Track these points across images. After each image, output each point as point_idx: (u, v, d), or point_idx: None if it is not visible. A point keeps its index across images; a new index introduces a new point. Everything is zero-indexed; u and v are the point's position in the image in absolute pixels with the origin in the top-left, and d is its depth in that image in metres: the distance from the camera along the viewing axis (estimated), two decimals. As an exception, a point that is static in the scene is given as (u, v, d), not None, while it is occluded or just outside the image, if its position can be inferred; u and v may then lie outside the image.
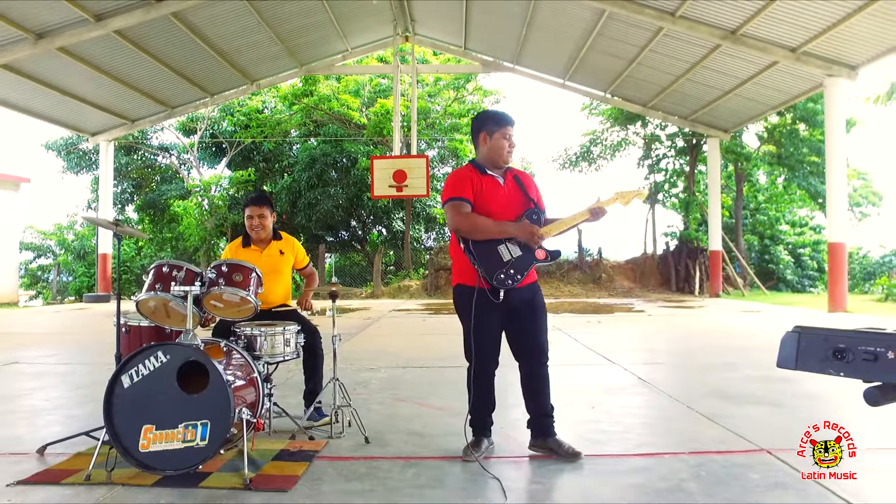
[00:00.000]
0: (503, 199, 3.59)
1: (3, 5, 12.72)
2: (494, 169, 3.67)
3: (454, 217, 3.49)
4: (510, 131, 3.66)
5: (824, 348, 1.25)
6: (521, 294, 3.54)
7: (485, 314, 3.46)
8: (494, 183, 3.63)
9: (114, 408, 3.21)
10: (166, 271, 3.54)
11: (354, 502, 2.95)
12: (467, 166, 3.72)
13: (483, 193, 3.57)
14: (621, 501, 2.97)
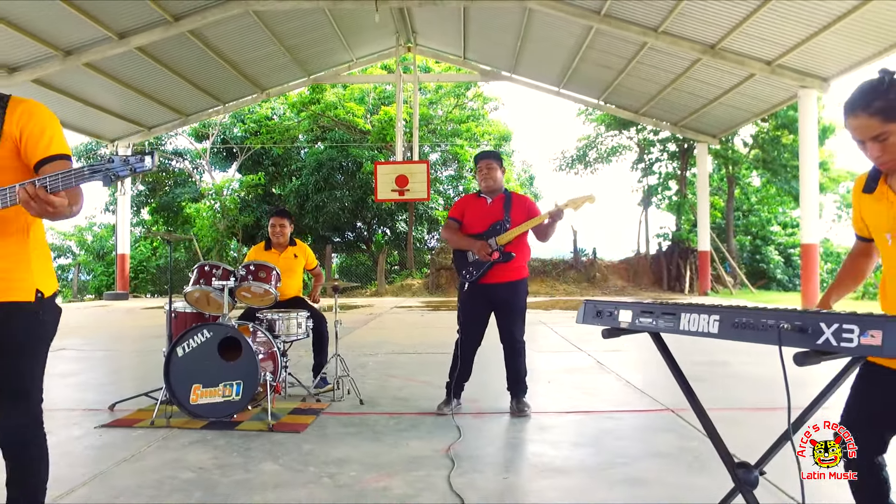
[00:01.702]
0: (480, 216, 4.72)
1: (37, 27, 13.86)
2: (487, 193, 4.76)
3: (443, 231, 4.89)
4: (482, 165, 4.79)
5: (593, 310, 2.27)
6: (499, 291, 4.61)
7: (466, 300, 4.65)
8: (482, 203, 4.78)
9: (171, 371, 4.29)
10: (207, 269, 4.64)
11: (349, 439, 4.01)
12: (472, 194, 4.96)
13: (469, 212, 4.78)
14: (551, 439, 4.02)
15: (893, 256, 2.03)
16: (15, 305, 2.10)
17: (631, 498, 3.02)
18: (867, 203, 2.13)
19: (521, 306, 4.70)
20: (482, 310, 4.67)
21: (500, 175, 4.79)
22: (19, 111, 2.11)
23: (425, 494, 3.03)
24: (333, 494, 3.05)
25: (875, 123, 1.87)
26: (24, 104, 2.14)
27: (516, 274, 4.68)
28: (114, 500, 2.99)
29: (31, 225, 2.17)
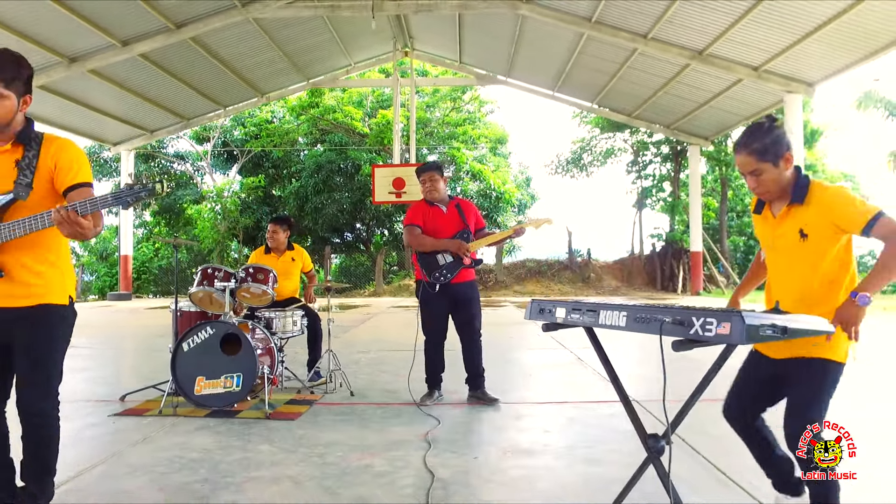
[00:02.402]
0: (444, 223, 5.09)
1: (43, 35, 14.30)
2: (437, 202, 5.14)
3: (408, 237, 5.12)
4: (425, 178, 5.14)
5: (537, 308, 2.67)
6: (460, 290, 5.02)
7: (431, 301, 4.98)
8: (438, 212, 5.13)
9: (177, 364, 4.71)
10: (210, 272, 5.06)
11: (338, 425, 4.43)
12: (420, 201, 5.25)
13: (429, 220, 5.10)
14: (523, 426, 4.44)
15: (772, 264, 2.56)
16: (52, 307, 2.55)
17: (585, 475, 3.42)
18: (757, 222, 2.65)
19: (477, 301, 5.13)
20: (444, 308, 5.07)
21: (442, 185, 5.17)
22: (54, 147, 2.55)
23: (402, 471, 3.45)
24: (321, 471, 3.46)
25: (752, 161, 2.37)
26: (57, 141, 2.58)
27: (470, 275, 5.15)
28: (130, 474, 3.41)
29: (63, 242, 2.61)
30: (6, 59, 2.47)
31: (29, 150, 2.52)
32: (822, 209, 2.36)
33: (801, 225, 2.40)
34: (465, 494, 3.11)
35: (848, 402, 4.76)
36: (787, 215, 2.46)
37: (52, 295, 2.56)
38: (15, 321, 2.50)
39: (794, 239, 2.42)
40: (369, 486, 3.21)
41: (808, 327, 2.03)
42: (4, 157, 2.50)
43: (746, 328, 1.79)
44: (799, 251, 2.42)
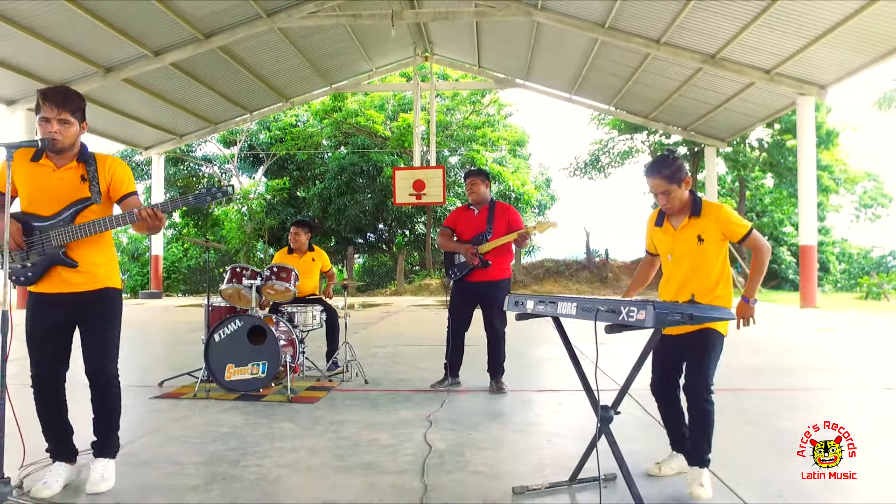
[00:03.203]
0: (468, 226, 5.65)
1: (82, 47, 15.07)
2: (474, 204, 5.68)
3: (437, 236, 5.83)
4: (468, 182, 5.71)
5: (512, 301, 3.16)
6: (483, 289, 5.54)
7: (455, 293, 5.64)
8: (470, 214, 5.70)
9: (210, 353, 5.28)
10: (238, 270, 5.63)
11: (352, 408, 4.96)
12: (463, 206, 5.87)
13: (460, 222, 5.70)
14: (518, 410, 4.94)
15: (668, 268, 3.25)
16: (111, 290, 3.18)
17: (560, 448, 3.91)
18: (657, 233, 3.33)
19: (499, 301, 5.60)
20: (468, 303, 5.60)
21: (483, 189, 5.69)
22: (108, 164, 3.16)
23: (404, 444, 3.97)
24: (334, 443, 4.00)
25: (663, 183, 3.02)
26: (108, 159, 3.19)
27: (497, 275, 5.60)
28: (171, 443, 3.97)
29: (111, 240, 3.24)
30: (70, 94, 3.06)
31: (89, 166, 3.11)
32: (714, 220, 3.09)
33: (699, 232, 3.09)
34: (456, 462, 3.62)
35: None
36: (687, 225, 3.15)
37: (111, 280, 3.21)
38: (83, 302, 3.13)
39: (693, 243, 3.10)
40: (375, 455, 3.74)
41: (711, 315, 2.52)
42: (70, 173, 3.09)
43: (657, 314, 2.28)
44: (697, 253, 3.11)
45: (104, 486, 3.08)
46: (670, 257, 3.23)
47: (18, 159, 3.01)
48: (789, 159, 21.34)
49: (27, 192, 3.09)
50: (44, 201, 3.08)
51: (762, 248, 3.16)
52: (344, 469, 3.49)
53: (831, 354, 8.31)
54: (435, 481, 3.27)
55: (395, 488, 3.19)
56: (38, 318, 3.11)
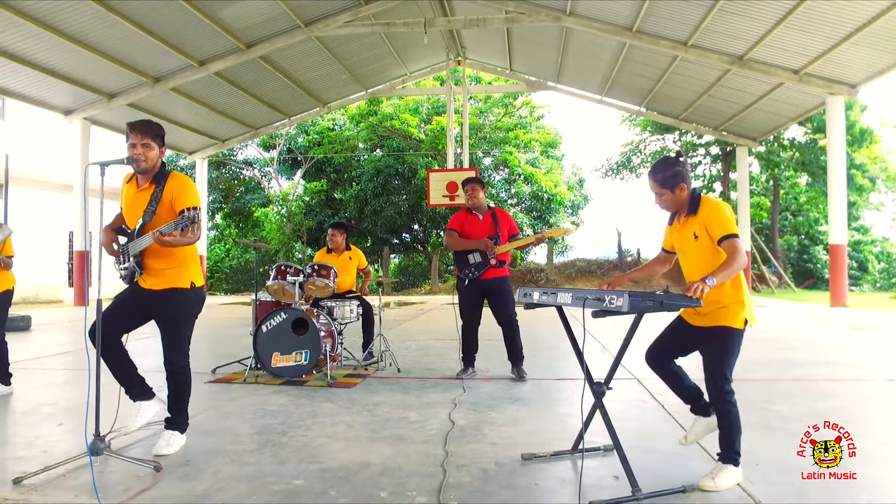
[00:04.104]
0: (476, 230, 6.11)
1: (133, 59, 15.96)
2: (475, 209, 6.15)
3: (445, 239, 6.21)
4: (468, 188, 6.18)
5: (522, 293, 3.63)
6: (491, 284, 6.01)
7: (464, 292, 6.01)
8: (475, 219, 6.16)
9: (258, 343, 5.87)
10: (283, 268, 6.22)
11: (386, 392, 5.49)
12: (462, 210, 6.29)
13: (466, 226, 6.13)
14: (536, 396, 5.42)
15: (683, 263, 3.54)
16: (177, 290, 3.71)
17: (571, 426, 4.37)
18: (669, 230, 3.65)
19: (509, 292, 6.10)
20: (476, 299, 6.12)
21: (483, 195, 6.19)
22: (173, 181, 3.73)
23: (430, 421, 4.48)
24: (369, 419, 4.53)
25: (655, 186, 3.36)
26: (176, 177, 3.75)
27: (502, 273, 6.13)
28: (226, 418, 4.55)
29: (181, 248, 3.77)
30: (152, 124, 3.69)
31: (159, 186, 3.68)
32: (704, 218, 3.33)
33: (694, 229, 3.36)
34: (475, 435, 4.12)
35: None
36: (685, 224, 3.43)
37: (179, 282, 3.74)
38: (154, 300, 3.70)
39: (691, 239, 3.38)
40: (404, 430, 4.26)
41: (681, 303, 2.96)
42: (145, 193, 3.70)
43: (631, 301, 2.75)
44: (694, 248, 3.38)
45: (167, 451, 3.67)
46: (679, 252, 3.54)
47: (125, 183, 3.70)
48: (822, 158, 21.30)
49: (123, 209, 3.73)
50: (130, 217, 3.72)
51: (736, 254, 3.16)
52: (377, 439, 4.02)
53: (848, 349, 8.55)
54: (455, 449, 3.78)
55: (420, 454, 3.70)
56: (122, 294, 3.75)
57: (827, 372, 6.59)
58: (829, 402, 5.09)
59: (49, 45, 14.20)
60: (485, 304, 6.18)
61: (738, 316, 3.26)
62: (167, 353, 3.73)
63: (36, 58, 14.70)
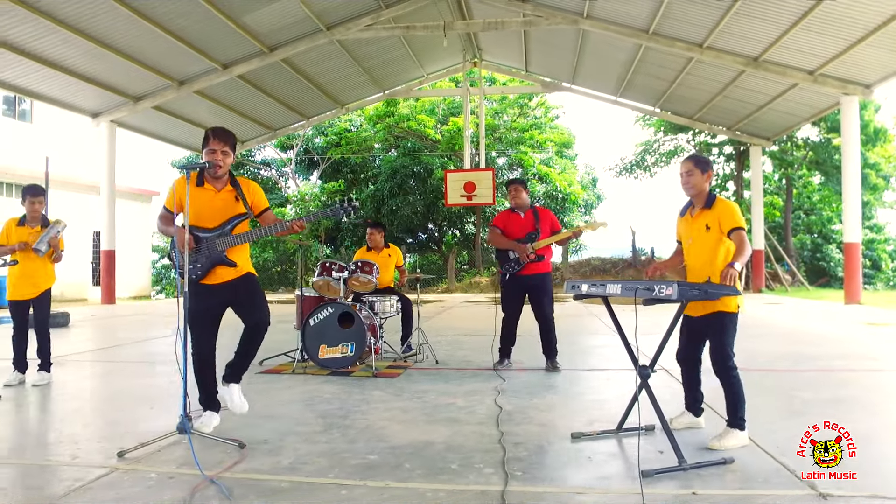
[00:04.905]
0: (518, 227, 6.43)
1: (159, 62, 16.37)
2: (518, 208, 6.49)
3: (489, 235, 6.59)
4: (511, 189, 6.51)
5: (570, 286, 3.94)
6: (532, 281, 6.33)
7: (506, 287, 6.39)
8: (517, 217, 6.50)
9: (305, 335, 6.21)
10: (328, 265, 6.56)
11: (429, 382, 5.82)
12: (507, 209, 6.66)
13: (508, 224, 6.48)
14: (570, 384, 5.73)
15: (689, 250, 4.02)
16: (250, 274, 4.12)
17: (609, 410, 4.68)
18: (680, 222, 4.09)
19: (548, 291, 6.41)
20: (518, 294, 6.42)
21: (525, 195, 6.52)
22: (249, 187, 4.12)
23: (478, 406, 4.80)
24: (420, 405, 4.86)
25: (689, 164, 3.93)
26: (248, 183, 4.13)
27: (543, 269, 6.42)
28: (285, 405, 4.89)
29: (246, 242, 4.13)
30: (230, 133, 4.04)
31: (238, 189, 4.04)
32: (718, 212, 3.80)
33: (707, 221, 3.83)
34: (523, 418, 4.44)
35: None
36: (699, 216, 3.89)
37: (249, 267, 4.18)
38: (232, 287, 4.07)
39: (702, 230, 3.84)
40: (455, 413, 4.59)
41: (719, 292, 3.29)
42: (227, 195, 4.04)
43: (680, 290, 3.07)
44: (704, 238, 3.84)
45: (246, 407, 4.14)
46: (689, 241, 3.97)
47: (183, 185, 3.98)
48: (835, 158, 21.49)
49: (194, 210, 3.99)
50: (208, 217, 4.03)
51: (746, 243, 3.67)
52: (433, 421, 4.35)
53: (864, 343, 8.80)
54: (508, 430, 4.10)
55: (476, 434, 4.03)
56: (199, 302, 4.05)
57: (845, 364, 6.87)
58: (849, 390, 5.38)
59: (83, 50, 14.62)
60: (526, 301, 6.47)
61: (732, 301, 3.70)
62: (254, 316, 4.08)
63: (69, 63, 15.13)
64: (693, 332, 3.93)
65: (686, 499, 2.93)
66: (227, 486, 3.06)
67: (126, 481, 3.19)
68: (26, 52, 14.13)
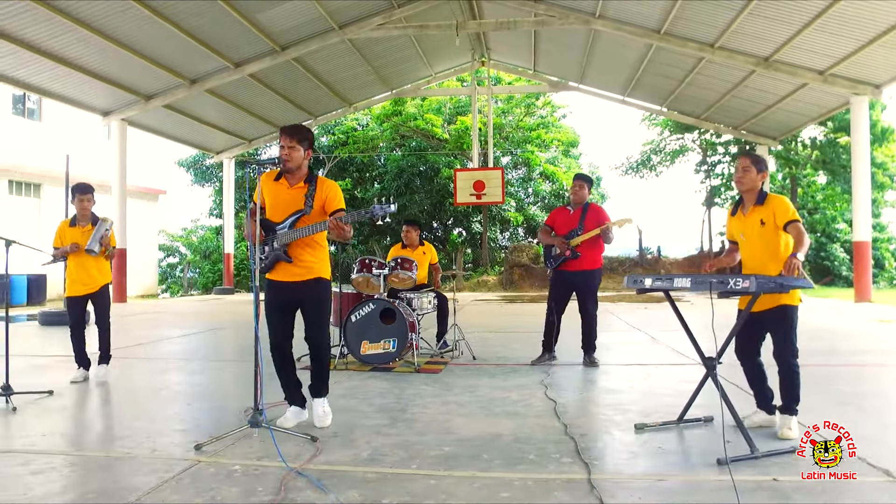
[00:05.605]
0: (564, 223, 6.55)
1: (171, 61, 16.40)
2: (573, 204, 6.60)
3: (539, 232, 6.72)
4: (575, 183, 6.67)
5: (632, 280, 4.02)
6: (577, 277, 6.43)
7: (553, 282, 6.56)
8: (566, 213, 6.63)
9: (347, 331, 6.28)
10: (367, 262, 6.63)
11: (473, 377, 5.89)
12: (562, 206, 6.87)
13: (557, 219, 6.63)
14: (610, 377, 5.82)
15: (742, 247, 4.10)
16: (322, 279, 4.11)
17: (660, 402, 4.76)
18: (732, 221, 4.20)
19: (592, 288, 6.50)
20: (565, 290, 6.51)
21: (586, 192, 6.63)
22: (325, 185, 4.13)
23: (531, 400, 4.88)
24: (474, 399, 4.93)
25: (747, 161, 3.99)
26: (326, 182, 4.15)
27: (588, 265, 6.50)
28: (343, 398, 4.96)
29: (323, 241, 4.17)
30: (300, 128, 4.08)
31: (311, 186, 4.09)
32: (773, 208, 3.90)
33: (762, 217, 3.92)
34: (580, 410, 4.54)
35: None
36: (753, 212, 3.98)
37: (321, 273, 4.15)
38: (300, 289, 4.08)
39: (757, 225, 3.93)
40: (513, 407, 4.66)
41: (794, 283, 3.39)
42: (298, 190, 4.08)
43: (758, 282, 3.16)
44: (759, 232, 3.93)
45: (328, 420, 4.10)
46: (742, 237, 4.06)
47: (266, 179, 4.10)
48: (842, 157, 21.61)
49: (269, 204, 4.11)
50: (277, 211, 4.10)
51: (804, 234, 3.77)
52: (493, 415, 4.43)
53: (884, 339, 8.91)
54: (570, 422, 4.18)
55: (540, 426, 4.11)
56: (270, 298, 4.13)
57: (874, 359, 6.98)
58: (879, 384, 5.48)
59: (98, 48, 14.62)
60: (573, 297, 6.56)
61: (795, 294, 3.80)
62: (313, 335, 4.14)
63: (83, 61, 15.14)
64: (751, 328, 3.94)
65: (769, 485, 3.01)
66: (316, 478, 3.12)
67: (213, 473, 3.25)
68: (41, 51, 14.12)
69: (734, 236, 4.23)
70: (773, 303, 3.78)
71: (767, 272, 3.76)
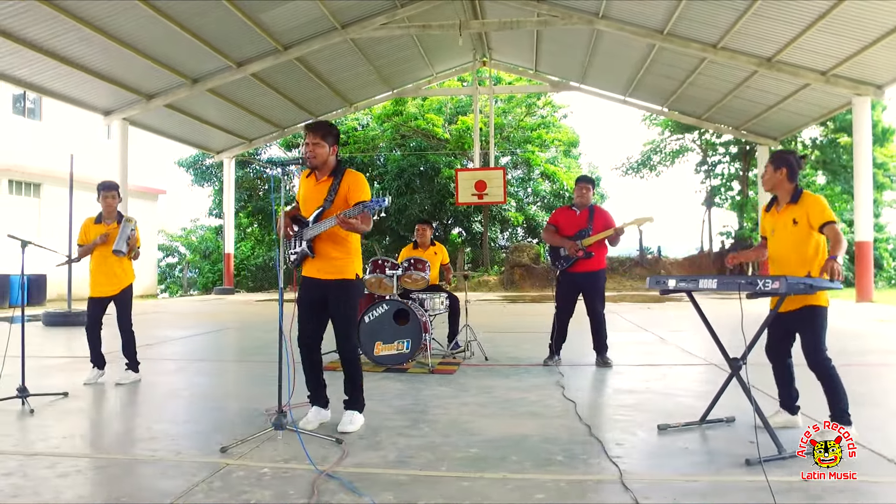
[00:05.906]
0: (571, 224, 6.53)
1: (173, 60, 16.36)
2: (578, 206, 6.58)
3: (544, 232, 6.75)
4: (580, 185, 6.64)
5: (654, 281, 4.02)
6: (584, 278, 6.42)
7: (560, 283, 6.52)
8: (572, 214, 6.60)
9: (361, 332, 6.27)
10: (380, 262, 6.62)
11: (487, 377, 5.89)
12: (566, 206, 6.82)
13: (563, 220, 6.60)
14: (622, 377, 5.82)
15: (771, 243, 4.04)
16: (347, 280, 4.09)
17: (680, 402, 4.76)
18: (766, 217, 4.15)
19: (600, 288, 6.50)
20: (572, 291, 6.50)
21: (589, 195, 6.62)
22: (349, 178, 4.11)
23: (549, 400, 4.88)
24: (492, 400, 4.93)
25: (767, 163, 3.92)
26: (351, 174, 4.13)
27: (596, 266, 6.50)
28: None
29: (352, 236, 4.14)
30: (324, 124, 4.09)
31: (336, 180, 4.08)
32: (806, 207, 3.83)
33: (794, 216, 3.86)
34: (599, 410, 4.55)
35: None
36: (785, 210, 3.93)
37: (347, 273, 4.12)
38: (325, 288, 4.07)
39: (789, 224, 3.86)
40: (532, 407, 4.66)
41: (823, 285, 3.39)
42: (323, 185, 4.09)
43: (788, 284, 3.16)
44: (791, 231, 3.86)
45: (350, 428, 4.04)
46: (773, 233, 4.01)
47: (303, 175, 4.22)
48: (843, 157, 21.68)
49: (301, 199, 4.14)
50: (306, 206, 4.11)
51: (841, 235, 3.72)
52: (515, 415, 4.43)
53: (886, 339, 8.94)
54: (591, 422, 4.18)
55: (563, 426, 4.11)
56: (302, 294, 4.15)
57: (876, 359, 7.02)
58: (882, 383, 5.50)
59: (100, 47, 14.59)
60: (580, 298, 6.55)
61: (823, 295, 3.75)
62: (342, 345, 4.15)
63: (86, 60, 15.10)
64: (780, 328, 3.93)
65: (799, 485, 3.01)
66: (347, 480, 3.11)
67: (242, 477, 3.23)
68: (44, 50, 14.09)
69: (766, 232, 4.17)
70: (801, 303, 3.74)
71: (792, 271, 3.73)
